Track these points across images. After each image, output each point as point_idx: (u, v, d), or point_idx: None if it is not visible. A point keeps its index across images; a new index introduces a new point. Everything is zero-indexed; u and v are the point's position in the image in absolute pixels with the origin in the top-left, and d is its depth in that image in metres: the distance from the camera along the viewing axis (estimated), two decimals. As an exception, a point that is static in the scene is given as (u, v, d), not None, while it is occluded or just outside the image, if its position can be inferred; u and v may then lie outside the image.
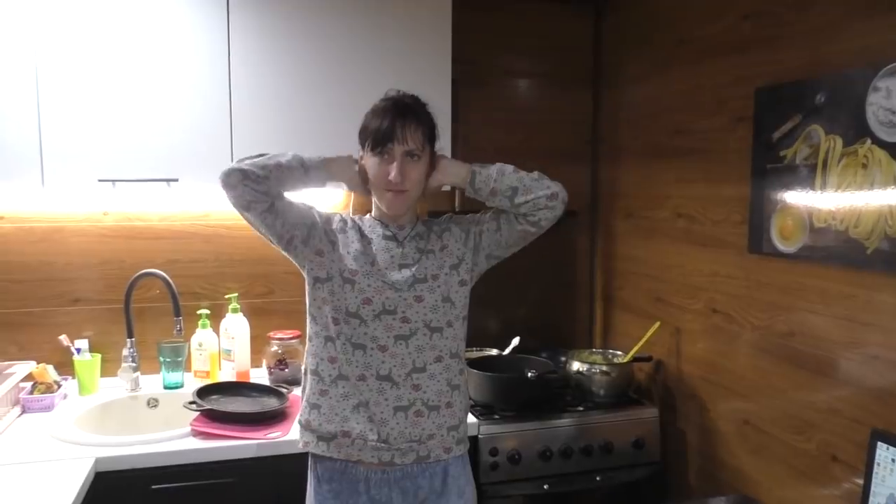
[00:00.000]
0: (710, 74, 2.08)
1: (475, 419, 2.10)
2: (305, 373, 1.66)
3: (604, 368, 2.32)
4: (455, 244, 1.64)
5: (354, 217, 1.70)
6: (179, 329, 2.22)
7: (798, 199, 1.75)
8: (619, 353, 2.46)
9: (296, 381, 2.36)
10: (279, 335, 2.40)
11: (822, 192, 1.68)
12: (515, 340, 2.53)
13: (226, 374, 2.37)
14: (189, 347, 2.36)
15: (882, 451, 1.46)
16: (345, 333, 1.57)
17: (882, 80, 1.50)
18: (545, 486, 2.12)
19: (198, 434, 1.91)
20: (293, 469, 1.77)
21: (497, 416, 2.15)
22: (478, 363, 2.29)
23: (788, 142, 1.77)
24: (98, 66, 1.97)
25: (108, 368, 2.31)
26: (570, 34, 2.74)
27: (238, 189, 1.51)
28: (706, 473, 2.17)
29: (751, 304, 1.95)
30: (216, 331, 2.38)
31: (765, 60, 1.86)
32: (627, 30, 2.58)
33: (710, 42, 2.08)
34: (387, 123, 1.53)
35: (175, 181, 2.05)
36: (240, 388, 2.21)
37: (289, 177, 1.55)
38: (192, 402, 2.01)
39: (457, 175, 1.62)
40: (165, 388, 2.29)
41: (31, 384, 2.14)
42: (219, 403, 2.06)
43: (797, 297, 1.78)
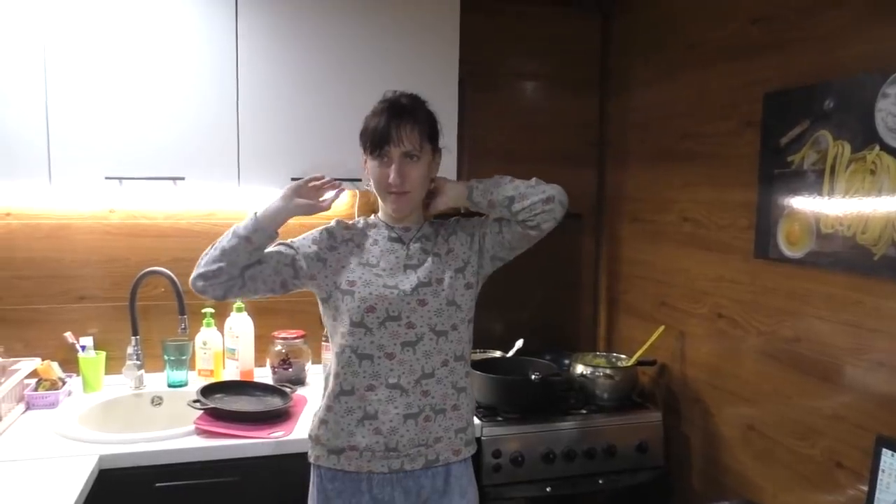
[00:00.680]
0: (719, 79, 2.08)
1: (478, 421, 2.09)
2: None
3: (607, 372, 2.32)
4: (461, 247, 1.65)
5: (359, 220, 1.71)
6: (184, 327, 2.22)
7: (805, 205, 1.74)
8: (623, 357, 2.46)
9: (299, 381, 2.37)
10: (283, 335, 2.40)
11: (830, 198, 1.67)
12: (519, 342, 2.53)
13: (230, 373, 2.37)
14: (193, 346, 2.36)
15: (887, 458, 1.45)
16: (350, 346, 1.57)
17: (891, 87, 1.50)
18: (548, 489, 2.12)
19: (201, 432, 1.91)
20: (296, 468, 1.77)
21: (500, 418, 2.15)
22: (482, 365, 2.28)
23: (796, 147, 1.76)
24: (106, 65, 1.98)
25: (113, 366, 2.31)
26: (578, 37, 2.74)
27: (208, 290, 1.55)
28: (710, 478, 2.16)
29: (756, 310, 1.94)
30: (220, 330, 2.39)
31: (773, 65, 1.86)
32: (635, 34, 2.57)
33: (719, 46, 2.08)
34: (382, 126, 1.53)
35: (181, 179, 2.05)
36: (243, 387, 2.22)
37: (239, 252, 1.53)
38: (196, 401, 2.01)
39: (457, 195, 1.64)
40: (169, 387, 2.30)
41: (36, 381, 2.14)
42: (222, 402, 2.06)
43: (803, 303, 1.78)
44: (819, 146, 1.69)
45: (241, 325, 2.37)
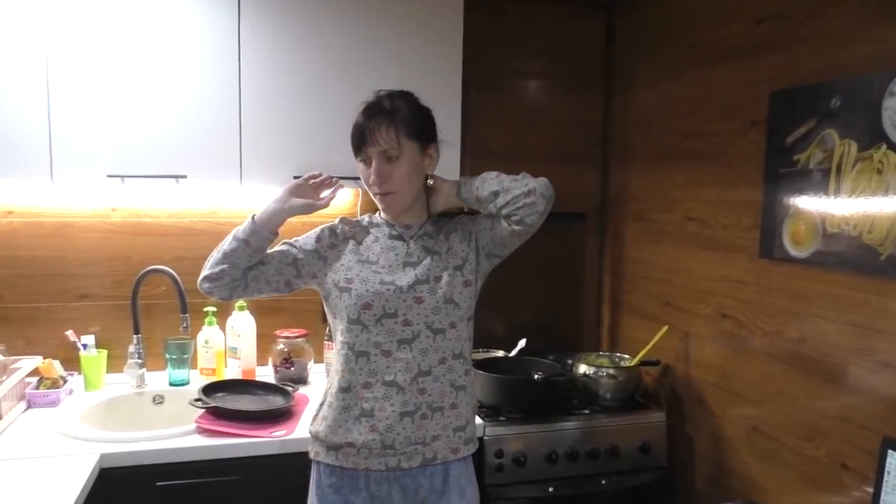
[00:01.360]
0: (724, 78, 2.07)
1: (481, 420, 2.09)
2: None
3: (611, 372, 2.31)
4: (460, 245, 1.64)
5: (363, 218, 1.70)
6: (186, 326, 2.22)
7: (811, 204, 1.73)
8: (627, 357, 2.45)
9: (301, 380, 2.36)
10: (285, 333, 2.39)
11: (836, 198, 1.66)
12: (522, 342, 2.53)
13: (231, 372, 2.37)
14: (195, 345, 2.36)
15: (892, 460, 1.44)
16: (348, 343, 1.58)
17: (899, 85, 1.49)
18: (550, 489, 2.11)
19: (203, 431, 1.90)
20: (298, 467, 1.76)
21: (503, 418, 2.14)
22: (484, 364, 2.28)
23: (802, 146, 1.75)
24: (108, 63, 1.97)
25: (114, 364, 2.31)
26: (582, 36, 2.73)
27: (214, 292, 1.60)
28: (714, 479, 2.15)
29: (761, 310, 1.93)
30: (222, 328, 2.38)
31: (779, 64, 1.85)
32: (640, 33, 2.56)
33: (724, 45, 2.07)
34: (359, 127, 1.54)
35: (183, 178, 2.05)
36: (245, 386, 2.21)
37: (239, 255, 1.57)
38: (198, 400, 2.01)
39: (449, 193, 1.64)
40: (171, 385, 2.29)
41: (37, 379, 2.14)
42: (224, 401, 2.06)
43: (809, 303, 1.77)
44: (825, 145, 1.68)
45: (243, 324, 2.36)
